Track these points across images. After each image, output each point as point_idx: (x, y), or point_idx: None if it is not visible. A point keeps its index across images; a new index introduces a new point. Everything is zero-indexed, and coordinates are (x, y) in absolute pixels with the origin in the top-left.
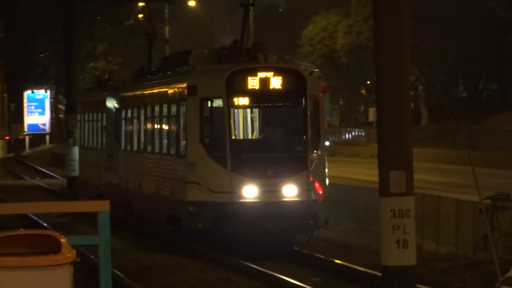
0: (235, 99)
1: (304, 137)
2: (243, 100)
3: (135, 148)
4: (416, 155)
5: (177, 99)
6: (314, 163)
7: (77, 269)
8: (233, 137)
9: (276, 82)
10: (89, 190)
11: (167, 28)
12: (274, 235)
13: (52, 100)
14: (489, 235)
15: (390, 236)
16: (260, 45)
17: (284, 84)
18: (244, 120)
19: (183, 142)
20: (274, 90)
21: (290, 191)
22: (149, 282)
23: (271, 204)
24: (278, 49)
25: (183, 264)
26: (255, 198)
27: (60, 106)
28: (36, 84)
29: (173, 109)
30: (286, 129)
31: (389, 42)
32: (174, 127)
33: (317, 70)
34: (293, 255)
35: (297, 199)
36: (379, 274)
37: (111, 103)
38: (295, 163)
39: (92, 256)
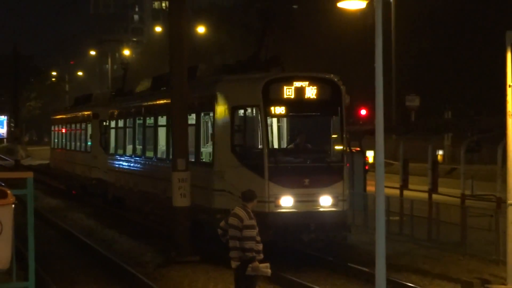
0: (272, 108)
1: (341, 146)
2: (280, 109)
3: (128, 152)
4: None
5: (198, 107)
6: (347, 173)
7: (16, 207)
8: (270, 146)
9: (312, 92)
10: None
11: (67, 85)
12: (308, 245)
13: (7, 120)
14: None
15: (177, 191)
16: (277, 59)
17: (320, 93)
18: (279, 129)
19: (205, 149)
20: (310, 99)
21: (326, 201)
22: (55, 215)
23: (307, 214)
24: None
25: (74, 206)
26: (291, 208)
27: (11, 124)
28: None
29: (190, 117)
30: (322, 139)
31: (177, 84)
32: (190, 135)
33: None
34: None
35: (332, 209)
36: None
37: (100, 116)
38: (332, 173)
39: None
